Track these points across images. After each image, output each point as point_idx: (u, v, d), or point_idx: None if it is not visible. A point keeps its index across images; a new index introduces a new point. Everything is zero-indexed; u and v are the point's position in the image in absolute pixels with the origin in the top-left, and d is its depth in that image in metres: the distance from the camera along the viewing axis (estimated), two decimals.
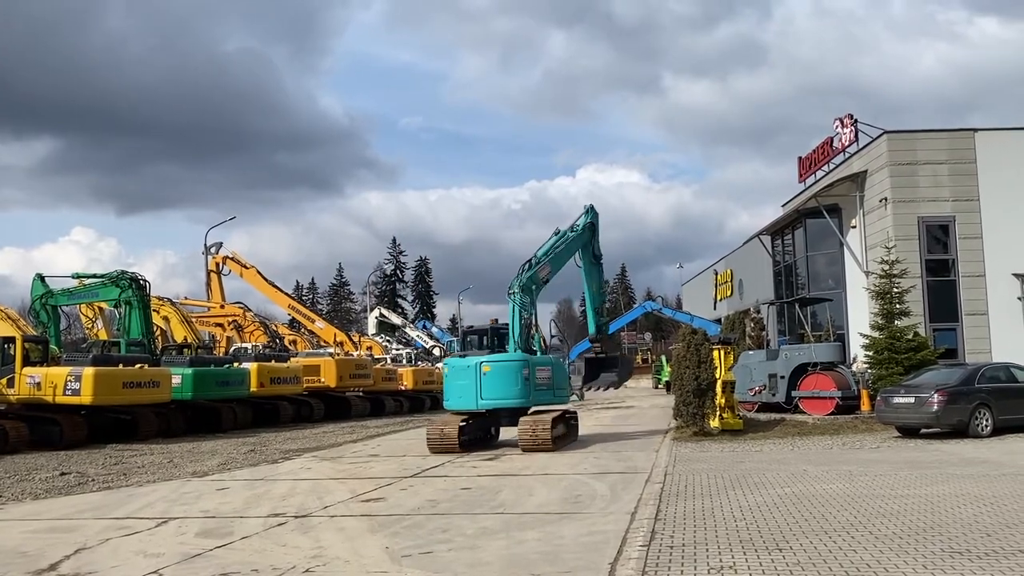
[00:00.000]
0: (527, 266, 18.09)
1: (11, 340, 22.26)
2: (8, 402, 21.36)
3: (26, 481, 13.93)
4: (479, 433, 17.72)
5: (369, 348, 42.63)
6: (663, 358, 55.37)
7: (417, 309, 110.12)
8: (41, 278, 27.18)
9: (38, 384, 21.13)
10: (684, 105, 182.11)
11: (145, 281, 25.16)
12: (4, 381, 21.40)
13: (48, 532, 9.39)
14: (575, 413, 18.67)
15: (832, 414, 22.16)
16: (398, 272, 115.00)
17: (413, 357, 44.02)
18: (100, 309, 29.53)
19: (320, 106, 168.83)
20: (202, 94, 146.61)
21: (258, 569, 7.15)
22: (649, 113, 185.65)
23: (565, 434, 17.37)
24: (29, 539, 8.95)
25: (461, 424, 16.65)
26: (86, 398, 20.75)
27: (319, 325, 42.11)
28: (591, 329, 22.51)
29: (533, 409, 16.98)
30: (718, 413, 19.10)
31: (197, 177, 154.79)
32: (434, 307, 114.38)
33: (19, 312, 28.24)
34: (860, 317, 26.92)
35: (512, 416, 16.82)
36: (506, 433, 17.96)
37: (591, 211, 20.40)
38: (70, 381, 20.83)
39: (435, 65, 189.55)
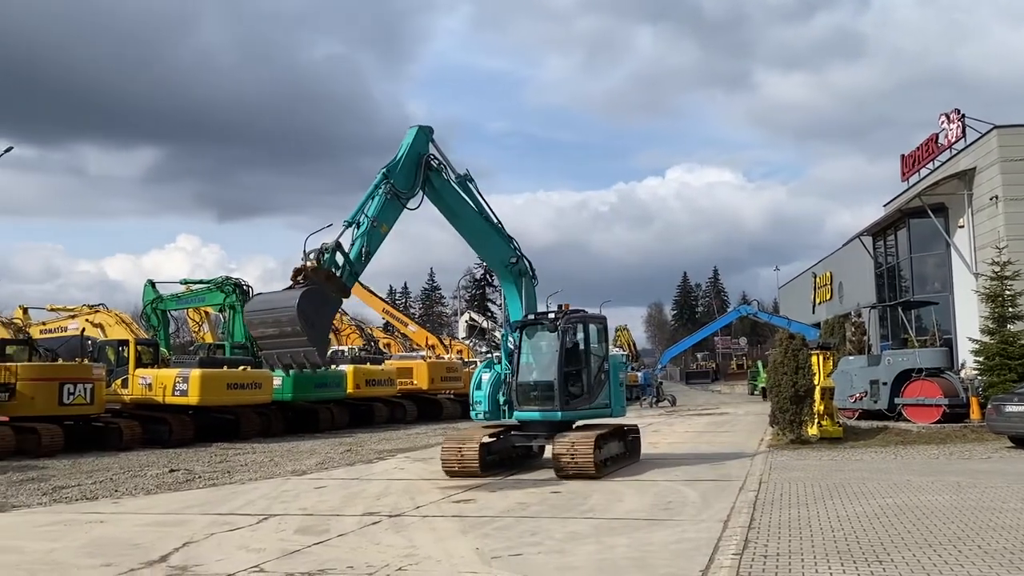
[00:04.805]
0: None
1: (125, 343, 23.58)
2: (122, 402, 22.57)
3: (139, 477, 14.70)
4: (517, 450, 14.64)
5: (459, 351, 43.14)
6: (759, 364, 54.02)
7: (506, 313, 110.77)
8: (152, 284, 28.66)
9: (149, 385, 22.28)
10: (777, 100, 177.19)
11: (248, 286, 26.17)
12: (119, 382, 22.64)
13: (158, 526, 9.90)
14: (636, 428, 15.52)
15: (938, 422, 21.24)
16: (487, 276, 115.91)
17: None
18: (206, 313, 30.86)
19: (406, 111, 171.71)
20: (293, 102, 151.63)
21: (353, 566, 7.35)
22: (740, 110, 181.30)
23: (621, 455, 14.35)
24: (141, 532, 9.46)
25: (484, 441, 13.54)
26: (193, 399, 21.76)
27: (412, 329, 42.92)
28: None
29: (579, 423, 14.03)
30: (816, 420, 18.53)
31: (289, 184, 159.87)
32: None
33: (132, 316, 29.82)
34: (969, 321, 25.67)
35: (549, 431, 13.59)
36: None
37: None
38: (178, 382, 21.88)
39: (520, 68, 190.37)
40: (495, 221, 14.44)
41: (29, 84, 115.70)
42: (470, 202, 14.09)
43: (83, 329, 24.78)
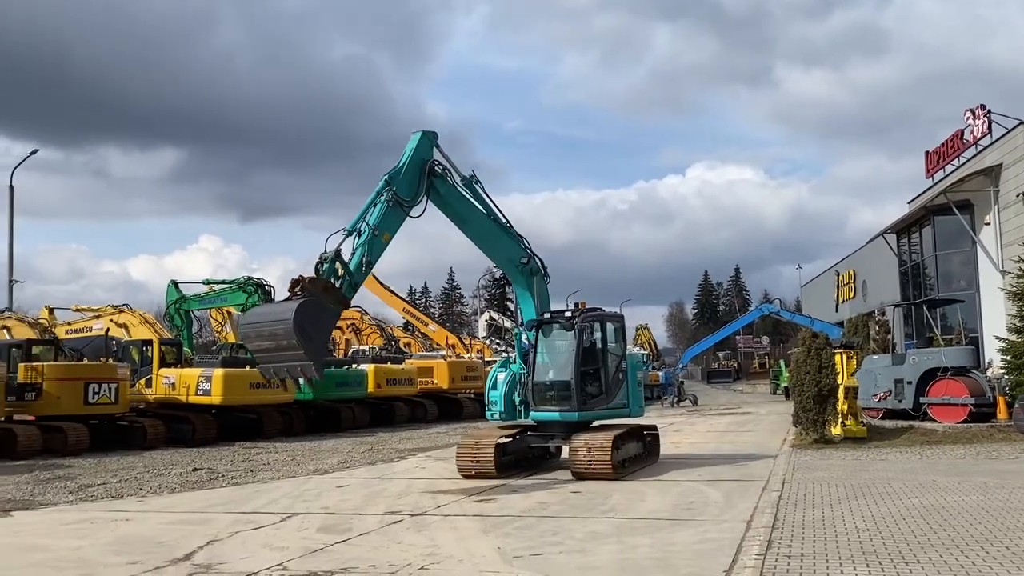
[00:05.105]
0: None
1: (149, 343, 23.79)
2: (146, 401, 22.79)
3: (163, 476, 14.83)
4: (533, 451, 14.35)
5: (480, 351, 43.16)
6: (781, 363, 53.66)
7: None
8: (175, 284, 28.85)
9: (173, 384, 22.50)
10: (798, 97, 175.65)
11: (270, 286, 26.28)
12: (143, 381, 22.86)
13: (183, 524, 9.98)
14: (654, 428, 15.19)
15: (964, 422, 20.98)
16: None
17: None
18: (228, 313, 31.01)
19: (424, 111, 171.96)
20: (311, 103, 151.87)
21: (375, 565, 7.37)
22: (761, 107, 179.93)
23: (640, 455, 14.12)
24: (166, 530, 9.54)
25: (500, 441, 13.35)
26: (216, 398, 21.95)
27: (432, 328, 43.02)
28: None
29: (597, 423, 13.80)
30: (840, 420, 18.37)
31: (308, 184, 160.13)
32: None
33: (155, 317, 30.07)
34: (996, 319, 25.31)
35: (566, 431, 13.39)
36: None
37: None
38: (201, 382, 22.07)
39: (537, 67, 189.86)
40: (504, 222, 14.21)
41: (52, 87, 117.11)
42: (477, 205, 13.88)
43: (108, 329, 25.00)
